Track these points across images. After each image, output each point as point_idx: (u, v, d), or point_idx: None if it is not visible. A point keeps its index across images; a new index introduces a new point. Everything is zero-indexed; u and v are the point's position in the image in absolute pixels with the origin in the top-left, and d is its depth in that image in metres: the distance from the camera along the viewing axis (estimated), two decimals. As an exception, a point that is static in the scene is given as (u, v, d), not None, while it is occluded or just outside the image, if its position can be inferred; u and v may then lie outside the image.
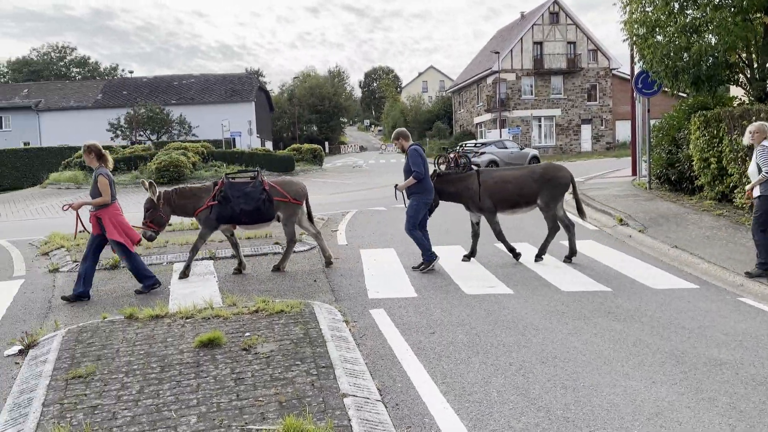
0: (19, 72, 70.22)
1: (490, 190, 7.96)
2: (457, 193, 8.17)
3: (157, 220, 7.64)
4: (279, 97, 77.08)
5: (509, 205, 8.05)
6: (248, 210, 7.64)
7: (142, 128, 44.64)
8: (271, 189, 7.78)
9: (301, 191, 8.07)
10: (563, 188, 8.07)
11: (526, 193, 7.95)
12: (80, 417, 3.59)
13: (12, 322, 6.11)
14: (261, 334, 4.99)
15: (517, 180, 8.03)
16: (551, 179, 7.98)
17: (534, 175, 8.03)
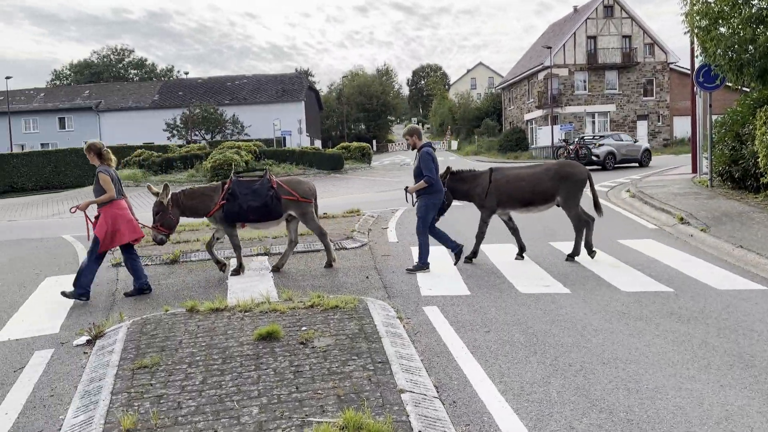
0: (81, 74, 73.35)
1: (501, 188, 7.87)
2: (468, 191, 8.12)
3: (167, 223, 7.63)
4: (328, 96, 77.91)
5: (523, 204, 7.92)
6: (256, 206, 7.64)
7: (197, 128, 45.88)
8: (279, 187, 7.79)
9: (309, 190, 8.07)
10: (580, 185, 7.89)
11: (541, 190, 7.81)
12: (147, 405, 3.72)
13: (79, 314, 6.38)
14: (317, 329, 5.06)
15: (531, 178, 7.89)
16: (567, 176, 7.81)
17: (549, 173, 7.88)
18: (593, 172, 12.52)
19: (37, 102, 54.66)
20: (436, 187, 7.58)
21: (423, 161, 7.47)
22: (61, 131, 52.57)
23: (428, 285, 6.86)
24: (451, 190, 8.07)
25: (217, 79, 56.76)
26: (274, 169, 29.82)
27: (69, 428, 3.61)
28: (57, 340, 5.47)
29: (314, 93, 61.44)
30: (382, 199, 17.75)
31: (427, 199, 7.59)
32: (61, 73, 76.68)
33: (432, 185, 7.51)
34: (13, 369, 4.79)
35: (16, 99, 53.92)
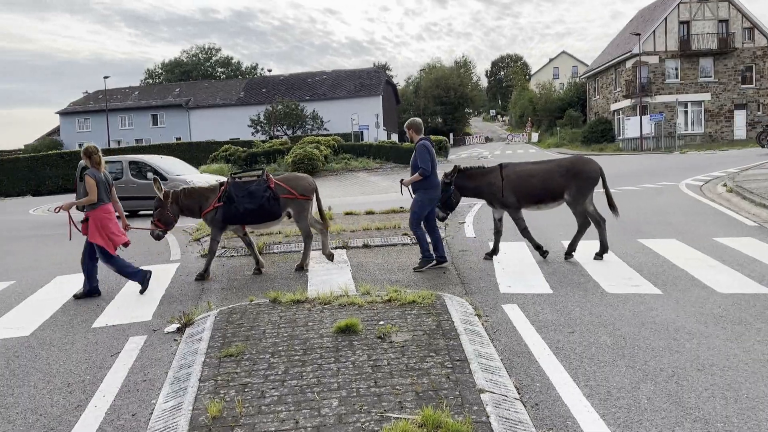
0: (172, 73, 77.22)
1: (514, 184, 7.62)
2: (478, 188, 7.85)
3: (164, 219, 7.73)
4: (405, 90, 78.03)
5: (534, 201, 7.69)
6: (252, 209, 7.61)
7: (280, 123, 47.23)
8: (277, 187, 7.71)
9: (308, 186, 7.93)
10: (592, 182, 7.59)
11: (552, 187, 7.55)
12: (232, 394, 3.85)
13: (170, 302, 6.72)
14: (395, 324, 5.05)
15: (543, 174, 7.63)
16: (579, 173, 7.54)
17: (560, 169, 7.61)
18: None
19: (132, 100, 58.13)
20: (432, 182, 7.42)
21: (419, 153, 7.33)
22: (154, 127, 55.67)
23: (507, 282, 6.71)
24: (459, 188, 7.88)
25: (298, 76, 58.18)
26: (352, 164, 30.21)
27: (160, 413, 3.80)
28: (149, 327, 5.78)
29: (391, 87, 61.70)
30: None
31: (423, 195, 7.44)
32: (153, 72, 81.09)
33: (427, 179, 7.36)
34: (110, 353, 5.10)
35: (113, 97, 57.59)
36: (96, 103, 57.59)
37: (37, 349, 5.32)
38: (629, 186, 16.40)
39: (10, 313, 6.62)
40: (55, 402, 4.14)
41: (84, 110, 57.66)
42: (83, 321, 6.14)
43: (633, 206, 12.19)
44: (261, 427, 3.39)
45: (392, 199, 16.60)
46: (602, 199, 7.86)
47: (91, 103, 58.66)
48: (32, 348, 5.36)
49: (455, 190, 7.84)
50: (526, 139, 66.13)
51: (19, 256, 10.34)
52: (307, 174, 8.43)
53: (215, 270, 8.19)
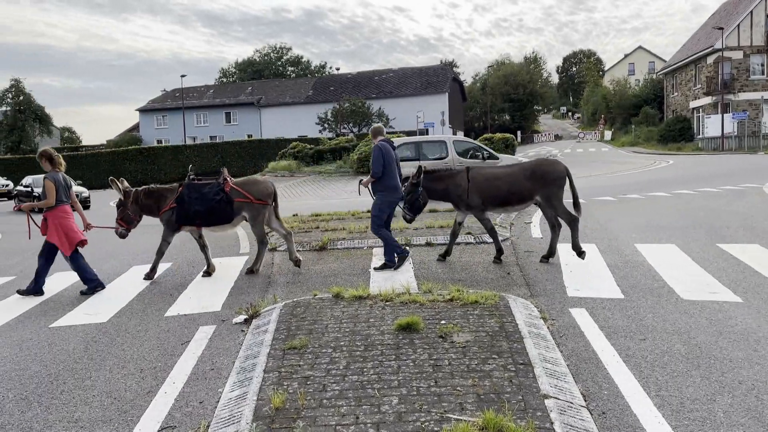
0: (245, 72, 79.60)
1: (480, 187, 7.64)
2: (446, 190, 7.81)
3: (126, 218, 7.84)
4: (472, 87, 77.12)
5: (499, 203, 7.75)
6: (201, 211, 7.61)
7: (346, 121, 47.81)
8: (232, 190, 7.68)
9: (265, 191, 7.86)
10: (559, 183, 7.59)
11: (518, 190, 7.62)
12: (295, 386, 3.92)
13: (238, 294, 6.92)
14: (456, 323, 5.00)
15: (508, 177, 7.70)
16: (544, 175, 7.57)
17: (526, 172, 7.66)
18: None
19: (207, 98, 60.34)
20: (388, 184, 7.42)
21: (372, 156, 7.37)
22: (227, 125, 57.60)
23: (575, 285, 6.50)
24: (427, 190, 7.79)
25: (365, 74, 58.66)
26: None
27: (226, 402, 3.91)
28: (218, 317, 5.97)
29: (458, 84, 61.15)
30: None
31: (381, 198, 7.46)
32: (227, 71, 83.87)
33: (382, 182, 7.38)
34: (181, 342, 5.30)
35: (189, 95, 59.99)
36: (173, 100, 60.16)
37: (113, 335, 5.60)
38: (708, 188, 15.56)
39: (90, 300, 7.01)
40: (129, 386, 4.35)
41: (162, 107, 60.37)
42: (157, 310, 6.42)
43: (712, 209, 11.56)
44: (322, 421, 3.43)
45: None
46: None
47: (168, 100, 61.34)
48: (109, 334, 5.65)
49: (423, 192, 7.76)
50: (598, 137, 63.93)
51: (99, 246, 10.93)
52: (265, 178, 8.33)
53: (281, 264, 8.37)
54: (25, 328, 5.98)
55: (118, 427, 3.73)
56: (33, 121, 57.22)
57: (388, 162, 7.37)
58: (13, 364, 4.91)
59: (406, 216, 7.89)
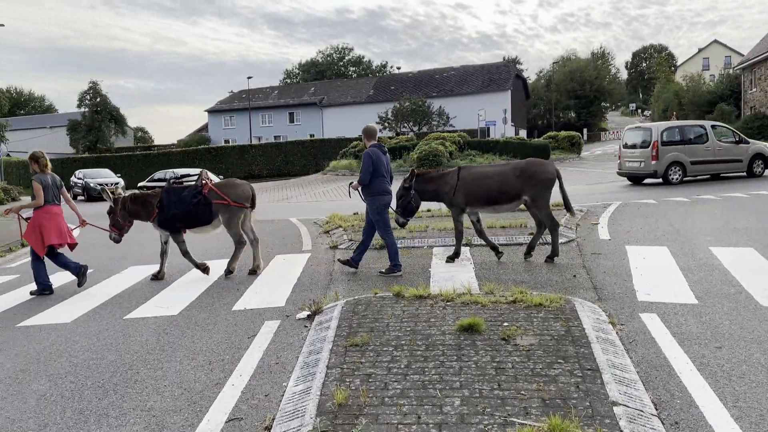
0: (308, 72, 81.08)
1: (468, 187, 7.73)
2: (436, 191, 7.93)
3: (116, 224, 8.10)
4: (536, 84, 75.63)
5: (489, 202, 7.81)
6: (178, 214, 7.78)
7: (406, 120, 47.86)
8: (211, 192, 7.80)
9: (243, 194, 7.95)
10: (547, 184, 7.69)
11: (507, 189, 7.67)
12: (357, 383, 3.95)
13: (301, 290, 7.05)
14: (519, 326, 4.90)
15: (498, 176, 7.76)
16: (533, 175, 7.63)
17: (516, 171, 7.72)
18: None
19: (272, 99, 61.84)
20: (377, 189, 7.49)
21: (363, 163, 7.48)
22: (291, 125, 58.83)
23: (646, 289, 6.25)
24: (418, 192, 7.93)
25: (426, 73, 58.54)
26: (477, 160, 29.83)
27: (290, 395, 3.99)
28: (283, 313, 6.10)
29: (521, 81, 60.09)
30: (591, 192, 16.69)
31: (372, 202, 7.56)
32: (291, 72, 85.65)
33: (371, 186, 7.46)
34: (247, 335, 5.45)
35: (255, 96, 61.63)
36: (240, 101, 61.99)
37: (183, 328, 5.82)
38: (792, 188, 14.61)
39: (162, 293, 7.31)
40: (198, 378, 4.51)
41: (229, 108, 62.30)
42: (224, 304, 6.62)
43: (797, 211, 10.85)
44: (384, 419, 3.44)
45: (519, 197, 16.17)
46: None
47: (235, 102, 63.25)
48: (179, 326, 5.88)
49: (415, 195, 7.89)
50: (669, 136, 61.23)
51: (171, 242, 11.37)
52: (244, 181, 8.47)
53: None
54: (102, 319, 6.31)
55: (188, 417, 3.87)
56: (109, 121, 60.28)
57: (377, 167, 7.47)
58: (90, 353, 5.19)
59: (398, 219, 8.00)
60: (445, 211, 12.96)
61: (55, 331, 5.93)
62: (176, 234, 8.08)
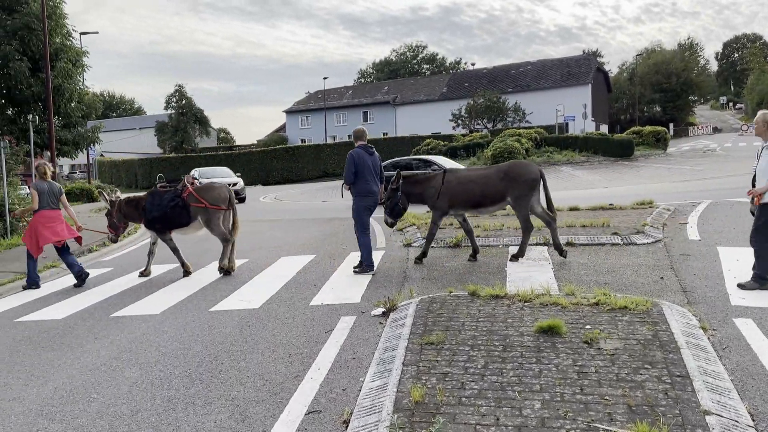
0: (381, 71, 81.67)
1: (453, 190, 7.83)
2: (421, 194, 8.04)
3: (112, 225, 8.70)
4: (618, 78, 72.68)
5: (472, 204, 7.89)
6: (157, 217, 8.27)
7: (480, 117, 47.25)
8: (189, 196, 8.26)
9: (219, 197, 8.36)
10: (531, 185, 7.70)
11: (491, 192, 7.74)
12: (433, 381, 3.93)
13: (376, 287, 7.11)
14: (603, 329, 4.72)
15: (482, 179, 7.84)
16: (516, 177, 7.69)
17: (499, 174, 7.78)
18: None
19: (346, 99, 62.76)
20: (360, 190, 7.74)
21: (346, 163, 7.71)
22: (364, 124, 59.44)
23: (740, 293, 5.86)
24: (405, 194, 8.06)
25: (501, 68, 57.54)
26: (555, 157, 29.05)
27: (367, 391, 4.03)
28: (358, 309, 6.17)
29: (602, 75, 57.89)
30: (679, 190, 15.84)
31: (356, 202, 7.82)
32: (365, 71, 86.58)
33: (356, 187, 7.73)
34: (325, 330, 5.55)
35: (330, 96, 62.76)
36: (316, 102, 63.33)
37: (264, 321, 6.01)
38: None
39: (244, 287, 7.58)
40: (278, 370, 4.64)
41: (306, 109, 63.80)
42: (303, 299, 6.78)
43: None
44: (461, 419, 3.41)
45: (599, 194, 15.58)
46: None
47: (311, 102, 64.69)
48: (261, 319, 6.07)
49: (402, 197, 8.03)
50: (764, 130, 57.16)
51: (251, 237, 11.79)
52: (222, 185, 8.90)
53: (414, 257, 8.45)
54: (188, 311, 6.61)
55: (270, 408, 3.98)
56: (194, 122, 63.16)
57: (360, 169, 7.69)
58: (178, 344, 5.45)
59: (387, 220, 8.20)
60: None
61: (145, 321, 6.28)
62: (162, 234, 8.58)
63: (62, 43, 20.97)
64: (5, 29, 19.55)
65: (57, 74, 20.13)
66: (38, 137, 20.16)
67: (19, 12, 19.95)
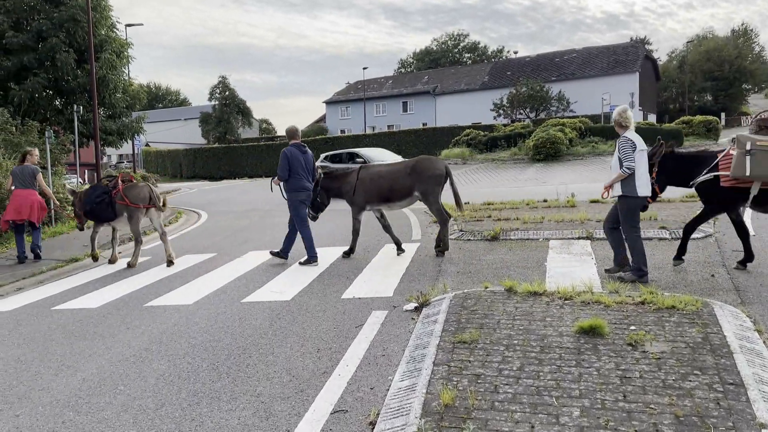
0: (422, 61, 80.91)
1: (366, 185, 8.15)
2: (339, 189, 8.43)
3: (76, 213, 9.33)
4: (667, 66, 70.23)
5: (383, 199, 8.18)
6: (87, 211, 8.93)
7: (522, 106, 46.32)
8: (117, 193, 8.83)
9: (138, 195, 8.87)
10: (436, 180, 7.98)
11: (398, 187, 8.04)
12: (465, 383, 3.74)
13: (409, 280, 6.92)
14: (648, 331, 4.43)
15: (391, 175, 8.14)
16: (422, 172, 7.98)
17: (407, 169, 8.09)
18: None
19: (386, 89, 62.43)
20: (293, 186, 8.03)
21: (280, 161, 8.02)
22: (404, 114, 59.11)
23: (801, 293, 5.45)
24: (324, 190, 8.49)
25: (545, 56, 56.22)
26: (600, 147, 28.18)
27: (395, 391, 3.86)
28: (390, 303, 6.01)
29: (651, 62, 55.92)
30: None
31: (290, 198, 8.13)
32: (405, 61, 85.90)
33: (289, 183, 8.03)
34: (355, 325, 5.41)
35: (370, 87, 62.55)
36: (355, 92, 63.24)
37: (295, 313, 5.91)
38: None
39: (278, 278, 7.51)
40: (306, 366, 4.51)
41: (345, 99, 63.78)
42: (335, 291, 6.66)
43: None
44: (494, 425, 3.21)
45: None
46: None
47: (351, 92, 64.62)
48: (292, 312, 5.97)
49: (321, 192, 8.47)
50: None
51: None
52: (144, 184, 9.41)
53: (452, 252, 8.23)
54: (221, 302, 6.57)
55: (295, 406, 3.86)
56: (236, 113, 63.93)
57: (293, 166, 8.01)
58: (208, 335, 5.40)
59: (309, 213, 8.45)
60: (562, 202, 12.28)
61: (177, 312, 6.27)
62: (96, 224, 9.31)
63: (107, 35, 21.35)
64: (52, 21, 20.00)
65: (102, 65, 20.53)
66: (84, 127, 20.65)
67: (66, 4, 20.39)
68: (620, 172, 6.09)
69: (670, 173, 6.57)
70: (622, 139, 6.25)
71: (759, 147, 5.87)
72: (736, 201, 6.31)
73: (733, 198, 6.27)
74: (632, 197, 6.07)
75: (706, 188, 6.40)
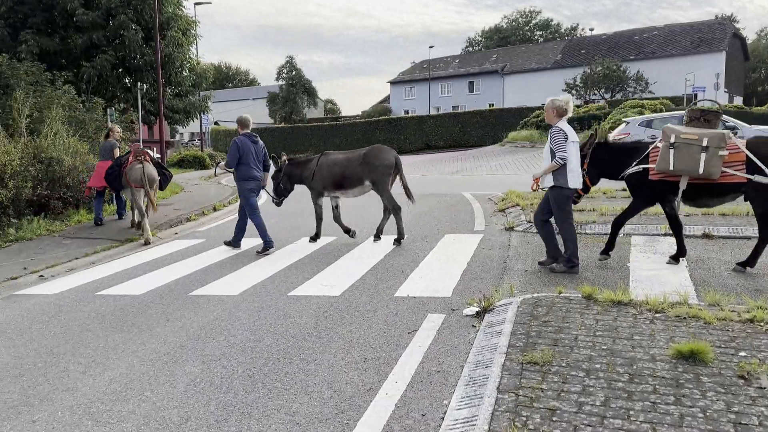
0: (491, 39, 78.51)
1: (323, 172, 8.32)
2: (300, 175, 8.58)
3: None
4: (756, 45, 65.24)
5: (336, 187, 8.34)
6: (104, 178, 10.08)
7: (597, 87, 44.06)
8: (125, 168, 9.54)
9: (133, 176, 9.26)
10: (385, 169, 8.07)
11: (350, 174, 8.18)
12: (536, 419, 3.08)
13: (470, 278, 6.27)
14: (764, 359, 3.62)
15: (344, 163, 8.27)
16: (372, 161, 8.09)
17: (359, 158, 8.19)
18: None
19: (452, 68, 60.94)
20: (242, 175, 8.14)
21: (230, 149, 8.12)
22: (470, 94, 57.58)
23: None
24: (287, 176, 8.64)
25: (623, 34, 53.17)
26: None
27: (451, 423, 3.25)
28: (448, 306, 5.39)
29: (739, 41, 51.87)
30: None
31: (240, 186, 8.25)
32: (473, 40, 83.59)
33: (238, 171, 8.14)
34: (408, 330, 4.82)
35: (436, 66, 61.24)
36: (421, 72, 62.09)
37: (343, 312, 5.39)
38: None
39: (329, 269, 7.03)
40: (350, 379, 3.97)
41: (410, 79, 62.77)
42: (388, 287, 6.10)
43: None
44: (572, 485, 2.55)
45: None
46: None
47: (416, 72, 63.51)
48: (339, 310, 5.45)
49: (284, 177, 8.62)
50: None
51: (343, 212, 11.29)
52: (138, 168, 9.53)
53: (519, 246, 7.50)
54: (267, 294, 6.14)
55: (334, 430, 3.33)
56: (302, 94, 64.25)
57: (244, 154, 8.08)
58: (249, 334, 4.95)
59: (273, 199, 8.80)
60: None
61: (221, 303, 5.88)
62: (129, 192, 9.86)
63: (173, 13, 21.45)
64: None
65: (168, 43, 20.66)
66: (151, 105, 20.90)
67: (134, -18, 20.59)
68: (552, 163, 5.97)
69: (602, 165, 6.35)
70: (554, 129, 6.05)
71: (683, 140, 5.61)
72: (665, 195, 6.06)
73: (662, 192, 6.04)
74: (564, 188, 6.00)
75: (636, 181, 6.18)
